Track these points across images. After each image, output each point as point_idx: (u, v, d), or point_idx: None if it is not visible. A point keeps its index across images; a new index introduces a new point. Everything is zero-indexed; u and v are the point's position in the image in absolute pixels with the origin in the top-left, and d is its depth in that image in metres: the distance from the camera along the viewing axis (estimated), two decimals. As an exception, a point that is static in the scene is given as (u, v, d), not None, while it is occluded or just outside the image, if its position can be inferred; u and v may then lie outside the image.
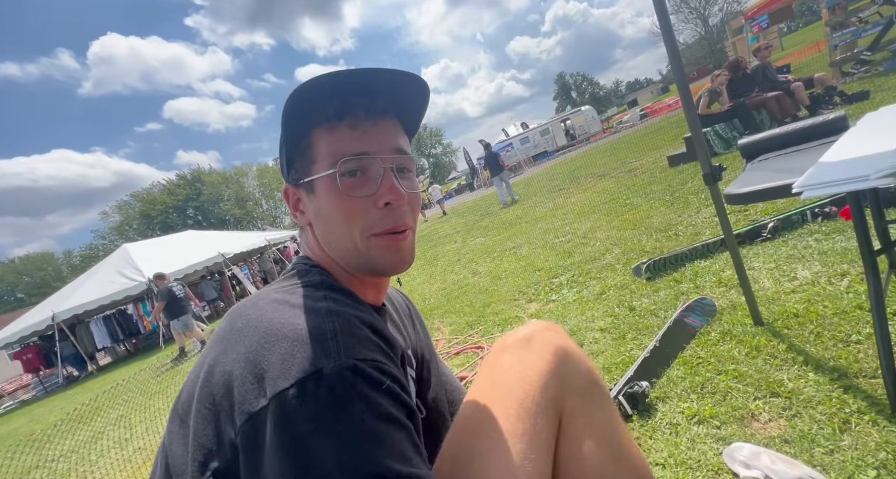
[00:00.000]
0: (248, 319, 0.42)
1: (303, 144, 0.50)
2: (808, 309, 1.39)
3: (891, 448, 0.85)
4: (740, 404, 1.12)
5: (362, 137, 0.49)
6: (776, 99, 4.44)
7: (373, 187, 0.49)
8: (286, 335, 0.38)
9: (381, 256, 0.50)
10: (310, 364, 0.35)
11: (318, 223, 0.52)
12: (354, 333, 0.40)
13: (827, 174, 0.68)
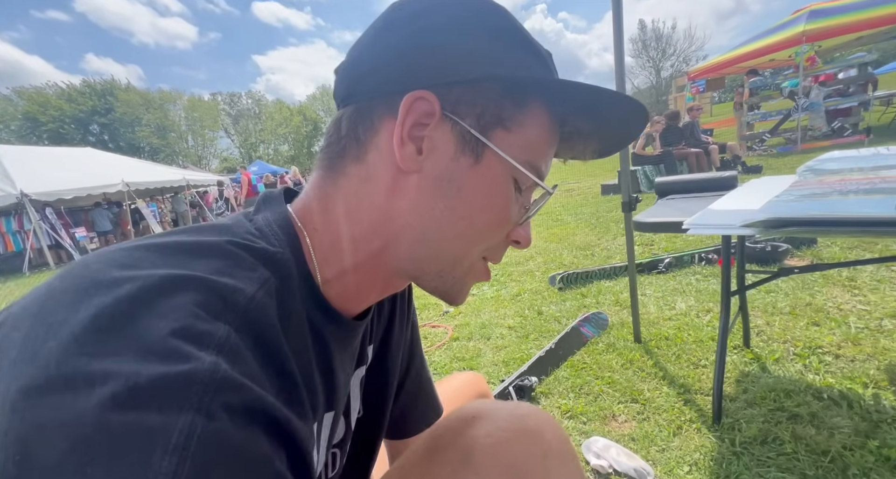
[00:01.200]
0: (52, 322, 0.22)
1: (515, 89, 0.32)
2: (677, 335, 1.62)
3: (704, 450, 1.04)
4: (606, 405, 1.28)
5: (551, 154, 0.37)
6: (696, 155, 5.09)
7: (521, 217, 0.36)
8: (87, 408, 0.19)
9: (469, 283, 0.38)
10: None
11: (435, 190, 0.32)
12: (223, 442, 0.20)
13: (708, 219, 0.81)
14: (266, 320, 0.26)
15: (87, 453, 0.17)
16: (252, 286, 0.26)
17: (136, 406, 0.18)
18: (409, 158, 0.31)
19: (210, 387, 0.20)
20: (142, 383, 0.19)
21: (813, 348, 1.39)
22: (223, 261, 0.26)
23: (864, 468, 0.91)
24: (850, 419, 1.05)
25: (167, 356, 0.20)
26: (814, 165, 1.24)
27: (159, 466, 0.18)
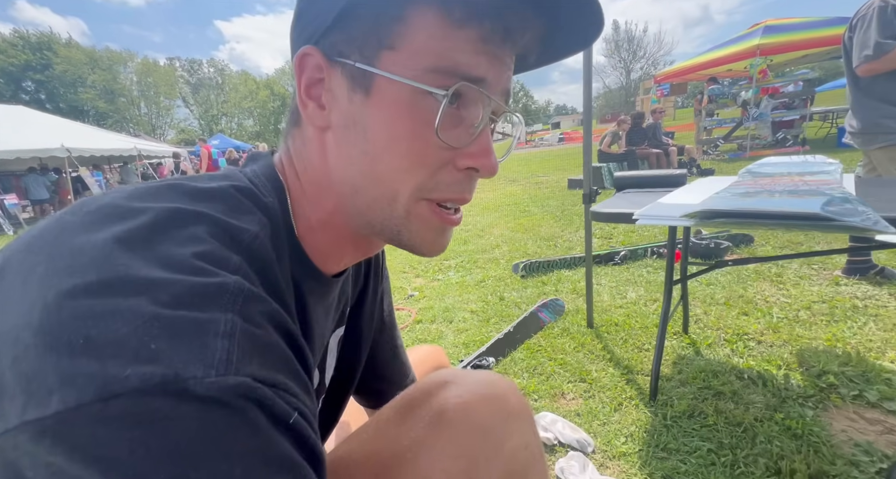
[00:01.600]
0: (76, 244, 0.22)
1: (387, 8, 0.30)
2: (626, 321, 1.74)
3: (639, 424, 1.14)
4: (557, 384, 1.36)
5: (487, 55, 0.30)
6: (656, 156, 5.36)
7: (465, 137, 0.31)
8: (143, 303, 0.20)
9: (422, 230, 0.34)
10: (168, 368, 0.19)
11: (348, 139, 0.32)
12: (256, 336, 0.23)
13: (655, 211, 0.88)
14: (267, 257, 0.28)
15: (148, 333, 0.19)
16: (254, 228, 0.28)
17: (183, 306, 0.21)
18: (315, 116, 0.32)
19: (239, 296, 0.23)
20: (183, 289, 0.21)
21: (740, 334, 1.54)
22: (227, 203, 0.28)
23: (770, 436, 1.03)
24: (763, 396, 1.19)
25: (197, 272, 0.22)
26: (752, 168, 1.35)
27: (214, 344, 0.20)
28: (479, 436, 0.38)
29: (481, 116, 0.31)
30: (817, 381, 1.23)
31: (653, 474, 0.97)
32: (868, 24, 1.59)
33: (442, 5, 0.29)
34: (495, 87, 0.32)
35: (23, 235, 0.25)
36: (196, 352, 0.20)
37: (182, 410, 0.18)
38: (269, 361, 0.23)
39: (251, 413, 0.20)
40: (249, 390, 0.20)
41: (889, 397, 1.13)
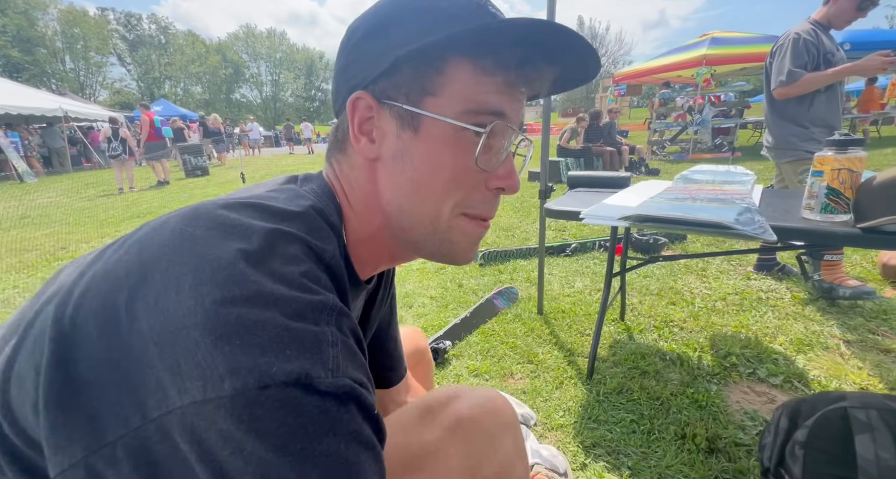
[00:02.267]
0: (212, 258, 0.28)
1: (430, 58, 0.36)
2: (572, 309, 1.90)
3: (576, 400, 1.28)
4: (507, 365, 1.48)
5: (509, 95, 0.37)
6: (610, 153, 5.69)
7: (494, 163, 0.39)
8: (275, 315, 0.26)
9: (459, 240, 0.40)
10: (301, 368, 0.25)
11: (396, 168, 0.38)
12: (349, 345, 0.30)
13: (599, 211, 0.98)
14: (340, 273, 0.34)
15: (283, 340, 0.26)
16: (331, 247, 0.34)
17: (303, 319, 0.27)
18: (366, 149, 0.39)
19: (335, 311, 0.29)
20: (301, 305, 0.28)
21: (667, 322, 1.75)
22: (309, 225, 0.34)
23: (680, 407, 1.21)
24: (679, 374, 1.38)
25: (306, 289, 0.29)
26: (686, 174, 1.52)
27: (328, 352, 0.27)
28: (485, 440, 0.49)
29: (506, 144, 0.39)
30: (723, 361, 1.44)
31: (584, 442, 1.11)
32: (784, 54, 1.80)
33: (475, 59, 0.36)
34: (514, 120, 0.39)
35: (145, 240, 0.30)
36: (317, 358, 0.26)
37: (309, 399, 0.25)
38: (356, 365, 0.29)
39: (351, 406, 0.27)
40: (351, 388, 0.27)
41: (774, 374, 1.35)
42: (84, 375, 0.26)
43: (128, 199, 6.05)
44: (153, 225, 0.32)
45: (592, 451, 1.08)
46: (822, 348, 1.49)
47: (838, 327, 1.61)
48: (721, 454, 1.04)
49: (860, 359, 1.42)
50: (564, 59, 0.38)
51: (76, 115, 10.59)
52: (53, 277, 0.37)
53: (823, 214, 0.92)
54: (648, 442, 1.10)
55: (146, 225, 0.33)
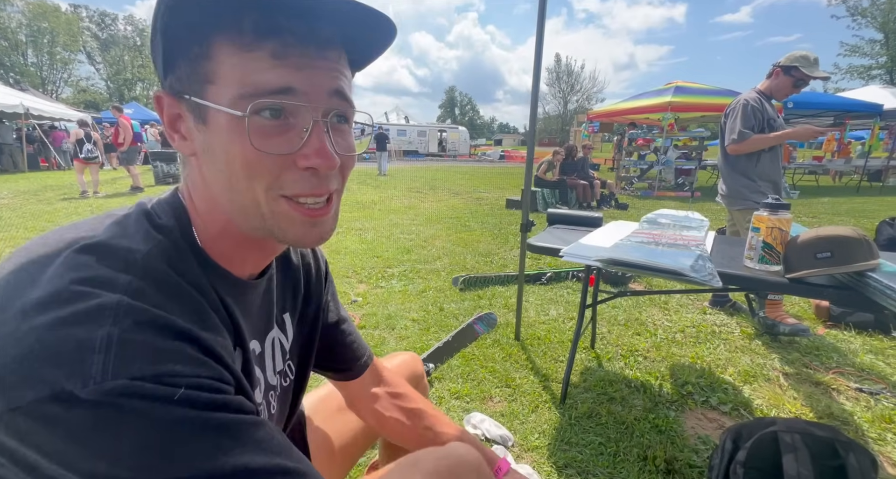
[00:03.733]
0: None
1: (195, 49, 0.34)
2: (547, 336, 2.02)
3: (551, 422, 1.38)
4: (486, 389, 1.56)
5: (290, 68, 0.34)
6: (583, 187, 6.05)
7: (295, 142, 0.36)
8: (25, 334, 0.27)
9: (289, 226, 0.38)
10: (56, 384, 0.26)
11: (207, 162, 0.37)
12: (141, 343, 0.28)
13: (577, 250, 1.12)
14: (161, 269, 0.34)
15: (35, 358, 0.26)
16: (143, 246, 0.34)
17: (66, 327, 0.27)
18: (182, 146, 0.39)
19: (119, 311, 0.28)
20: (67, 315, 0.27)
21: (633, 351, 1.89)
22: (121, 229, 0.35)
23: (643, 431, 1.33)
24: (643, 401, 1.51)
25: (76, 297, 0.28)
26: (651, 217, 1.71)
27: (91, 359, 0.26)
28: None
29: (305, 120, 0.35)
30: (680, 389, 1.59)
31: (557, 462, 1.20)
32: (735, 115, 2.08)
33: (233, 36, 0.33)
34: (312, 92, 0.35)
35: None
36: (76, 368, 0.26)
37: (75, 412, 0.25)
38: (151, 358, 0.28)
39: (134, 404, 0.27)
40: (127, 388, 0.27)
41: (724, 402, 1.50)
42: None
43: (93, 204, 5.78)
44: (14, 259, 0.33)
45: (564, 471, 1.17)
46: (764, 379, 1.67)
47: (779, 361, 1.81)
48: (677, 475, 1.16)
49: (795, 390, 1.60)
50: (340, 17, 0.35)
51: (38, 112, 10.09)
52: None
53: (760, 264, 1.09)
54: (614, 464, 1.20)
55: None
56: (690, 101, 7.94)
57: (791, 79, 2.02)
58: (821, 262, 0.95)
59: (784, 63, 2.02)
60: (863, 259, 0.90)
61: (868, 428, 1.38)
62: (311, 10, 0.34)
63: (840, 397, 1.56)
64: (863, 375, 1.69)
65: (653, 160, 8.22)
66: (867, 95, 9.31)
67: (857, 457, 0.78)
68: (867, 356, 1.83)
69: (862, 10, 20.83)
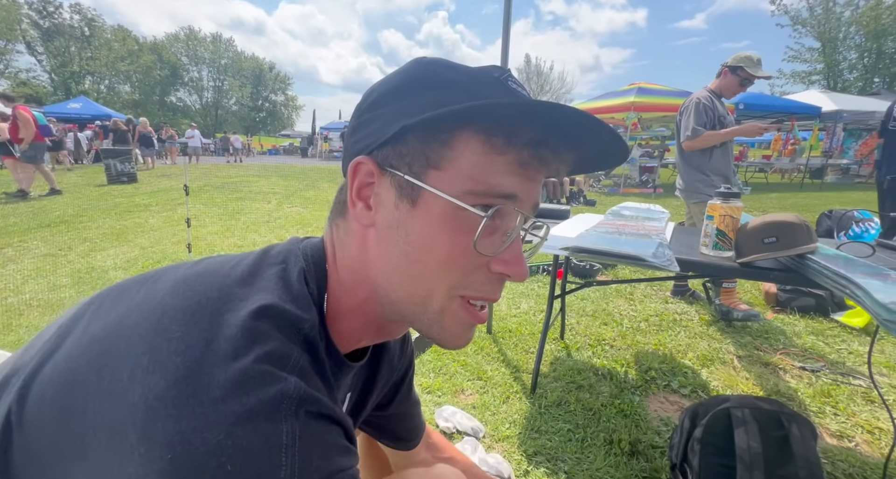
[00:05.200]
0: (173, 322, 0.29)
1: (439, 129, 0.34)
2: (518, 328, 2.04)
3: (521, 412, 1.40)
4: (458, 382, 1.56)
5: (524, 178, 0.35)
6: (553, 184, 6.18)
7: (498, 245, 0.35)
8: (221, 427, 0.25)
9: (453, 324, 0.37)
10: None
11: (389, 239, 0.36)
12: (316, 438, 0.28)
13: (543, 243, 1.14)
14: (317, 345, 0.34)
15: (225, 454, 0.24)
16: (311, 316, 0.33)
17: (253, 421, 0.26)
18: (361, 215, 0.37)
19: (295, 400, 0.28)
20: (253, 402, 0.26)
21: (600, 340, 1.95)
22: (287, 289, 0.34)
23: (609, 416, 1.37)
24: (609, 388, 1.56)
25: (264, 380, 0.27)
26: (616, 209, 1.76)
27: (279, 460, 0.26)
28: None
29: (513, 227, 0.35)
30: (644, 375, 1.65)
31: (527, 451, 1.22)
32: (689, 114, 2.19)
33: (485, 135, 0.33)
34: (526, 202, 0.36)
35: (122, 293, 0.33)
36: (265, 470, 0.25)
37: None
38: (327, 452, 0.29)
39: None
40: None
41: (684, 385, 1.58)
42: (30, 443, 0.29)
43: (34, 205, 5.34)
44: (141, 311, 0.31)
45: (534, 459, 1.19)
46: (720, 362, 1.77)
47: (733, 345, 1.91)
48: (641, 456, 1.20)
49: (747, 371, 1.70)
50: (585, 143, 0.36)
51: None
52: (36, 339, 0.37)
53: (714, 251, 1.14)
54: (582, 449, 1.23)
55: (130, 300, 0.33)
56: (652, 101, 8.30)
57: (737, 78, 2.15)
58: (767, 246, 1.01)
59: (731, 63, 2.15)
60: (804, 243, 0.97)
61: (810, 403, 1.48)
62: (581, 141, 0.35)
63: (786, 375, 1.67)
64: (806, 354, 1.82)
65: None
66: (808, 98, 10.06)
67: (798, 427, 0.84)
68: (809, 338, 1.98)
69: (802, 20, 22.47)
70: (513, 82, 0.37)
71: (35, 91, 32.83)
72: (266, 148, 26.44)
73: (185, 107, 43.33)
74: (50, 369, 0.31)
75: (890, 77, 20.18)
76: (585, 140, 0.35)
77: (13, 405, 0.30)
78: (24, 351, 0.36)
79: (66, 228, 4.18)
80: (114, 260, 3.14)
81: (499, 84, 0.36)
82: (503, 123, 0.33)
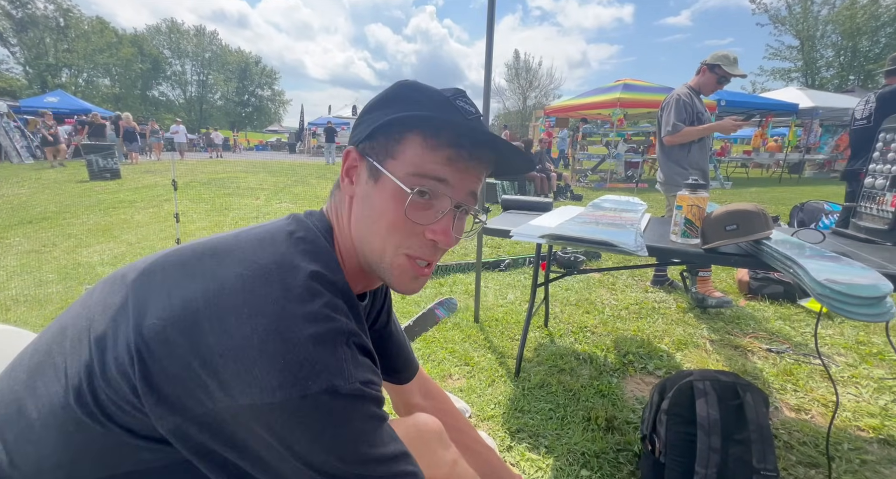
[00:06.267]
0: (256, 284, 0.40)
1: (394, 131, 0.48)
2: (505, 317, 2.12)
3: (506, 394, 1.47)
4: (446, 368, 1.63)
5: (453, 169, 0.48)
6: (541, 179, 6.27)
7: (431, 218, 0.48)
8: (297, 336, 0.38)
9: (400, 275, 0.50)
10: (326, 379, 0.37)
11: (360, 206, 0.50)
12: (356, 358, 0.41)
13: (525, 230, 1.21)
14: (350, 294, 0.46)
15: (310, 359, 0.38)
16: (340, 277, 0.45)
17: (326, 344, 0.39)
18: (348, 188, 0.52)
19: (345, 333, 0.41)
20: (324, 332, 0.39)
21: (582, 327, 2.04)
22: (326, 261, 0.45)
23: (588, 396, 1.46)
24: (589, 371, 1.64)
25: (327, 319, 0.40)
26: (597, 202, 1.84)
27: (344, 368, 0.39)
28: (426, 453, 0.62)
29: (445, 205, 0.49)
30: (623, 359, 1.74)
31: (510, 428, 1.29)
32: (670, 109, 2.28)
33: (422, 136, 0.48)
34: (459, 188, 0.49)
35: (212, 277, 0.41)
36: (338, 372, 0.38)
37: (336, 402, 0.38)
38: (363, 369, 0.42)
39: (364, 399, 0.40)
40: (360, 390, 0.40)
41: (659, 367, 1.67)
42: (170, 371, 0.38)
43: (13, 202, 5.22)
44: (215, 257, 0.43)
45: (517, 435, 1.26)
46: (694, 346, 1.87)
47: (706, 330, 2.02)
48: (616, 431, 1.28)
49: (718, 353, 1.80)
50: (493, 151, 0.50)
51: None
52: (103, 290, 0.46)
53: (683, 238, 1.23)
54: (562, 426, 1.31)
55: (205, 251, 0.44)
56: (637, 97, 8.43)
57: (715, 76, 2.24)
58: (729, 233, 1.09)
59: (709, 61, 2.24)
60: (760, 229, 1.05)
61: (773, 381, 1.59)
62: (485, 143, 0.49)
63: (754, 357, 1.78)
64: (773, 338, 1.94)
65: (604, 153, 8.67)
66: (787, 95, 10.35)
67: (752, 396, 0.92)
68: (777, 322, 2.10)
69: (781, 19, 22.97)
70: (461, 101, 0.51)
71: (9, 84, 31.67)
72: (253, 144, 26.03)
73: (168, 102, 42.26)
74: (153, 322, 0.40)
75: (864, 75, 20.81)
76: (491, 148, 0.50)
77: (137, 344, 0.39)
78: (79, 310, 0.46)
79: (49, 224, 4.11)
80: (100, 256, 3.12)
81: (447, 103, 0.50)
82: (431, 129, 0.48)
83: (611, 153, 8.36)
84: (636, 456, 1.18)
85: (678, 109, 2.25)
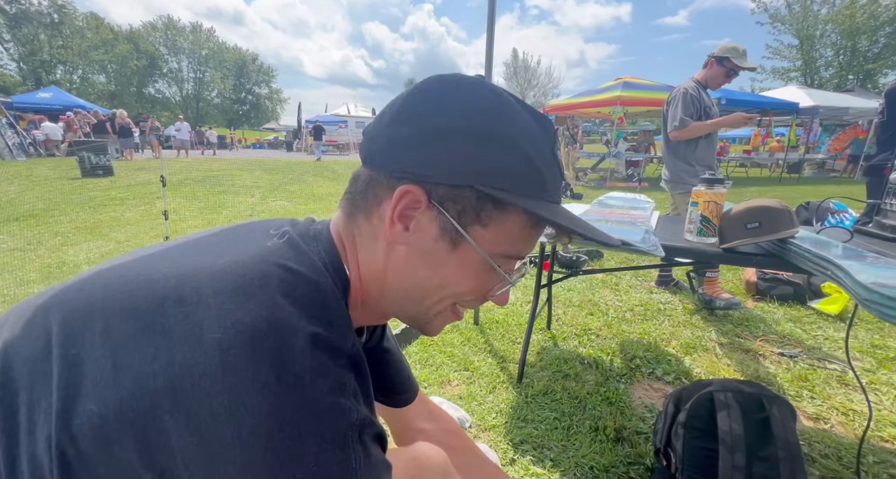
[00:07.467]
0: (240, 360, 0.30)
1: (498, 199, 0.38)
2: (505, 319, 2.04)
3: (508, 402, 1.39)
4: (444, 373, 1.55)
5: (532, 244, 0.44)
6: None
7: (497, 287, 0.44)
8: (296, 443, 0.29)
9: (441, 323, 0.46)
10: None
11: (416, 262, 0.40)
12: (369, 453, 0.34)
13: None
14: (359, 357, 0.38)
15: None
16: (350, 340, 0.36)
17: (333, 446, 0.31)
18: (396, 235, 0.40)
19: (357, 426, 0.33)
20: (329, 430, 0.31)
21: (586, 330, 1.96)
22: (331, 316, 0.35)
23: (595, 404, 1.38)
24: (595, 376, 1.56)
25: (335, 411, 0.32)
26: (602, 199, 1.76)
27: (354, 458, 0.31)
28: None
29: (514, 276, 0.44)
30: (629, 363, 1.66)
31: (513, 440, 1.21)
32: (676, 104, 2.20)
33: (528, 215, 0.40)
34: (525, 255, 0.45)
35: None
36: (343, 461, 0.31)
37: None
38: (376, 470, 0.34)
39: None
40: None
41: (668, 372, 1.59)
42: None
43: (0, 198, 5.10)
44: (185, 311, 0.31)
45: (520, 447, 1.18)
46: (703, 349, 1.79)
47: (715, 333, 1.95)
48: (626, 442, 1.21)
49: (729, 357, 1.73)
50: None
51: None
52: None
53: (699, 237, 1.15)
54: (568, 436, 1.23)
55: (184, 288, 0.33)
56: (637, 95, 8.37)
57: (724, 69, 2.16)
58: (750, 231, 1.01)
59: (717, 54, 2.16)
60: (786, 228, 0.97)
61: (788, 387, 1.52)
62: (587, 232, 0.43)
63: (766, 361, 1.70)
64: (784, 341, 1.86)
65: (604, 152, 8.60)
66: (787, 94, 10.30)
67: (779, 409, 0.85)
68: (788, 325, 2.02)
69: (781, 18, 22.95)
70: (556, 149, 0.43)
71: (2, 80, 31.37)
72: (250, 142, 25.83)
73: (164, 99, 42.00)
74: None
75: (864, 74, 20.82)
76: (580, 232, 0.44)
77: None
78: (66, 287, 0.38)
79: (36, 222, 4.00)
80: (87, 254, 3.02)
81: (553, 160, 0.42)
82: (546, 216, 0.39)
83: (611, 152, 8.29)
84: (648, 471, 1.10)
85: (685, 103, 2.17)
